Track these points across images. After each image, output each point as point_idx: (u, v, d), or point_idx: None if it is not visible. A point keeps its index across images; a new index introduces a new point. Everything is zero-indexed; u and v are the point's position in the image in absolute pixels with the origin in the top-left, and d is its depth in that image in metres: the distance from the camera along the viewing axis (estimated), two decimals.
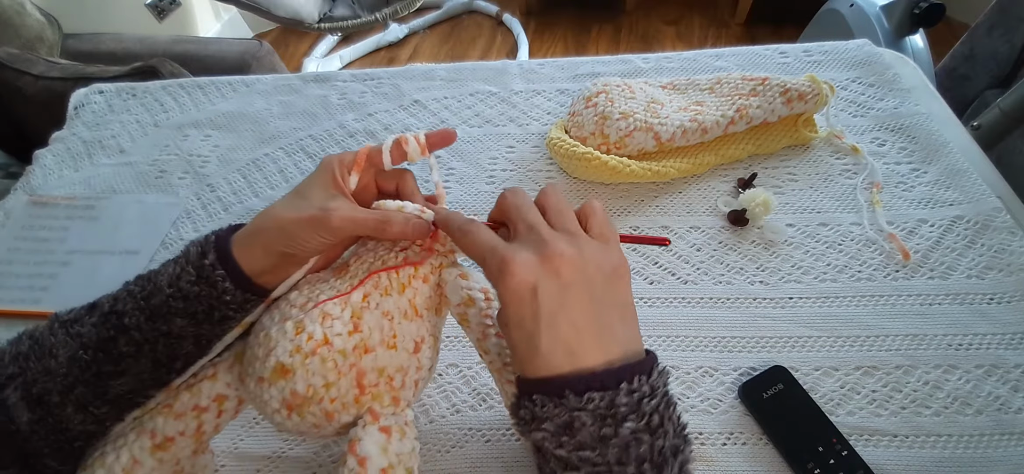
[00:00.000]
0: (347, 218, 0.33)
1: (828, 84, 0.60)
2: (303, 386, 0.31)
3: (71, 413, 0.32)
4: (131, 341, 0.32)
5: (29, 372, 0.32)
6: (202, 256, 0.33)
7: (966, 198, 0.56)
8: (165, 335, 0.32)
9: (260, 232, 0.33)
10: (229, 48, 1.29)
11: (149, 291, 0.33)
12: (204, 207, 0.65)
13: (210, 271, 0.32)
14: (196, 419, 0.35)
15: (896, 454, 0.42)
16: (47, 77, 1.04)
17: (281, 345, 0.31)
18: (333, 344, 0.31)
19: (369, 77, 0.78)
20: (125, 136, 0.74)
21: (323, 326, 0.31)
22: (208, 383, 0.35)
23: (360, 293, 0.33)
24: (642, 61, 0.75)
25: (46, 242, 0.63)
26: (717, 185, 0.61)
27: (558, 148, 0.60)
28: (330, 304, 0.32)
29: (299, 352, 0.31)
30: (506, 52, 2.16)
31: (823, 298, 0.51)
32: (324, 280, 0.35)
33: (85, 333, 0.32)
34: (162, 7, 1.90)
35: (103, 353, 0.32)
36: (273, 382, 0.31)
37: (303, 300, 0.33)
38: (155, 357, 0.33)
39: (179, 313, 0.32)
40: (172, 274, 0.33)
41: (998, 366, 0.46)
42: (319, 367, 0.31)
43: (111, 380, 0.32)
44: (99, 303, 0.34)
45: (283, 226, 0.33)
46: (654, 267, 0.55)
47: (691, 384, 0.47)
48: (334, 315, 0.32)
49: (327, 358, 0.31)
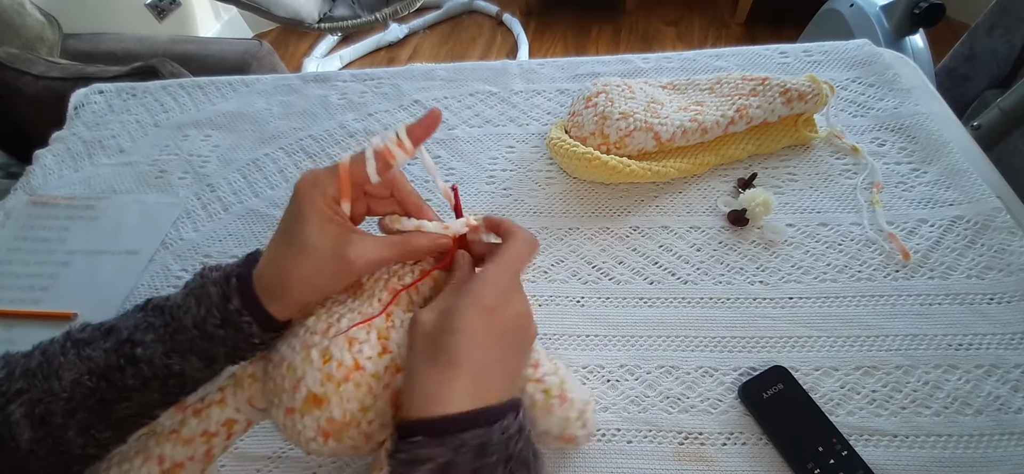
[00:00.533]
0: (368, 261, 0.33)
1: (828, 84, 0.60)
2: (339, 413, 0.31)
3: (73, 436, 0.31)
4: (139, 374, 0.32)
5: (35, 390, 0.31)
6: (225, 300, 0.32)
7: (966, 198, 0.56)
8: (178, 374, 0.32)
9: (284, 284, 0.32)
10: (229, 48, 1.29)
11: (174, 328, 0.32)
12: (204, 207, 0.65)
13: (237, 317, 0.32)
14: (205, 444, 0.35)
15: (896, 454, 0.42)
16: (47, 77, 1.04)
17: (310, 375, 0.31)
18: (365, 369, 0.31)
19: (369, 77, 0.78)
20: (125, 136, 0.74)
21: (352, 351, 0.31)
22: (217, 409, 0.35)
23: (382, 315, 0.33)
24: (642, 61, 0.75)
25: (46, 242, 0.63)
26: (717, 185, 0.61)
27: (558, 148, 0.60)
28: (355, 329, 0.32)
29: (331, 380, 0.31)
30: (506, 52, 2.16)
31: (823, 298, 0.51)
32: (340, 302, 0.35)
33: (95, 358, 0.32)
34: (162, 7, 1.90)
35: (107, 382, 0.32)
36: (306, 412, 0.31)
37: (324, 326, 0.32)
38: (165, 389, 0.33)
39: (200, 353, 0.32)
40: (197, 316, 0.32)
41: (998, 366, 0.46)
42: (354, 392, 0.31)
43: (115, 405, 0.32)
44: (115, 328, 0.33)
45: (310, 282, 0.32)
46: (654, 267, 0.55)
47: (691, 384, 0.47)
48: (361, 339, 0.32)
49: (361, 383, 0.31)
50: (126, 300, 0.58)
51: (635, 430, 0.45)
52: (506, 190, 0.63)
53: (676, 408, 0.46)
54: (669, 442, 0.44)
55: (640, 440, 0.45)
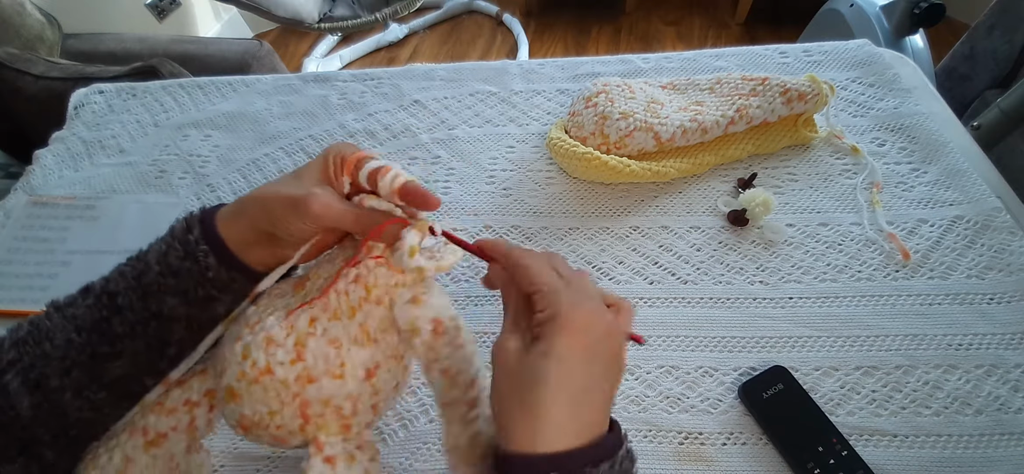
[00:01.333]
0: (326, 204, 0.32)
1: (828, 84, 0.60)
2: (249, 411, 0.31)
3: (69, 398, 0.31)
4: (124, 321, 0.32)
5: (27, 356, 0.31)
6: (187, 231, 0.32)
7: (966, 198, 0.56)
8: (156, 315, 0.32)
9: (244, 206, 0.33)
10: (229, 48, 1.29)
11: (140, 270, 0.33)
12: (204, 207, 0.65)
13: (194, 246, 0.32)
14: (188, 413, 0.35)
15: (896, 454, 0.42)
16: (47, 77, 1.04)
17: (231, 368, 0.31)
18: (275, 373, 0.30)
19: (369, 77, 0.78)
20: (125, 136, 0.74)
21: (267, 353, 0.30)
22: (198, 379, 0.35)
23: (307, 317, 0.32)
24: (642, 61, 0.75)
25: (46, 242, 0.63)
26: (717, 185, 0.61)
27: (558, 148, 0.60)
28: (276, 328, 0.31)
29: (244, 378, 0.30)
30: (506, 52, 2.16)
31: (823, 298, 0.51)
32: (282, 294, 0.34)
33: (79, 315, 0.32)
34: (162, 7, 1.90)
35: (97, 334, 0.32)
36: (227, 403, 0.31)
37: (255, 319, 0.32)
38: (148, 339, 0.32)
39: (169, 291, 0.32)
40: (160, 251, 0.33)
41: (998, 366, 0.46)
42: (262, 396, 0.30)
43: (107, 362, 0.32)
44: (92, 285, 0.34)
45: (266, 202, 0.32)
46: (654, 267, 0.55)
47: (691, 384, 0.47)
48: (278, 342, 0.31)
49: (269, 387, 0.30)
50: None
51: (635, 430, 0.45)
52: (506, 190, 0.63)
53: (676, 408, 0.46)
54: (669, 442, 0.44)
55: (640, 440, 0.45)
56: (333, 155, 0.34)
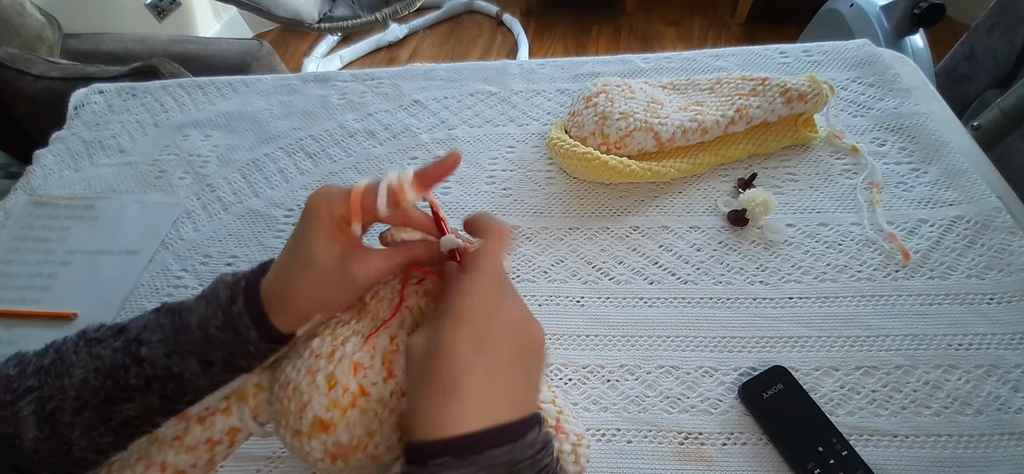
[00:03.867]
0: (370, 275, 0.32)
1: (828, 84, 0.60)
2: (347, 437, 0.31)
3: (78, 436, 0.31)
4: (142, 374, 0.32)
5: (46, 387, 0.31)
6: (231, 302, 0.32)
7: (966, 198, 0.56)
8: (177, 377, 0.32)
9: (292, 301, 0.32)
10: (229, 48, 1.29)
11: (178, 326, 0.32)
12: (204, 207, 0.65)
13: (237, 320, 0.32)
14: (209, 452, 0.35)
15: (896, 454, 0.42)
16: (47, 77, 1.04)
17: (316, 400, 0.31)
18: (371, 394, 0.31)
19: (369, 77, 0.78)
20: (125, 136, 0.74)
21: (357, 377, 0.31)
22: (222, 417, 0.35)
23: (387, 335, 0.33)
24: (642, 61, 0.75)
25: (46, 242, 0.63)
26: (717, 185, 0.61)
27: (558, 148, 0.60)
28: (359, 353, 0.32)
29: (337, 407, 0.31)
30: (506, 52, 2.16)
31: (823, 298, 0.51)
32: (343, 322, 0.34)
33: (103, 356, 0.32)
34: (162, 7, 1.90)
35: (112, 381, 0.32)
36: (313, 436, 0.31)
37: (329, 349, 0.32)
38: (164, 393, 0.32)
39: (197, 355, 0.32)
40: (202, 316, 0.32)
41: (998, 366, 0.46)
42: (360, 418, 0.31)
43: (117, 406, 0.32)
44: (127, 328, 0.33)
45: (313, 297, 0.32)
46: (654, 267, 0.55)
47: (691, 384, 0.47)
48: (366, 365, 0.32)
49: (367, 409, 0.31)
50: (126, 300, 0.58)
51: (635, 430, 0.45)
52: (506, 190, 0.63)
53: (676, 408, 0.46)
54: (669, 442, 0.44)
55: (640, 440, 0.45)
56: (327, 213, 0.32)
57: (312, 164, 0.69)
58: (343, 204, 0.32)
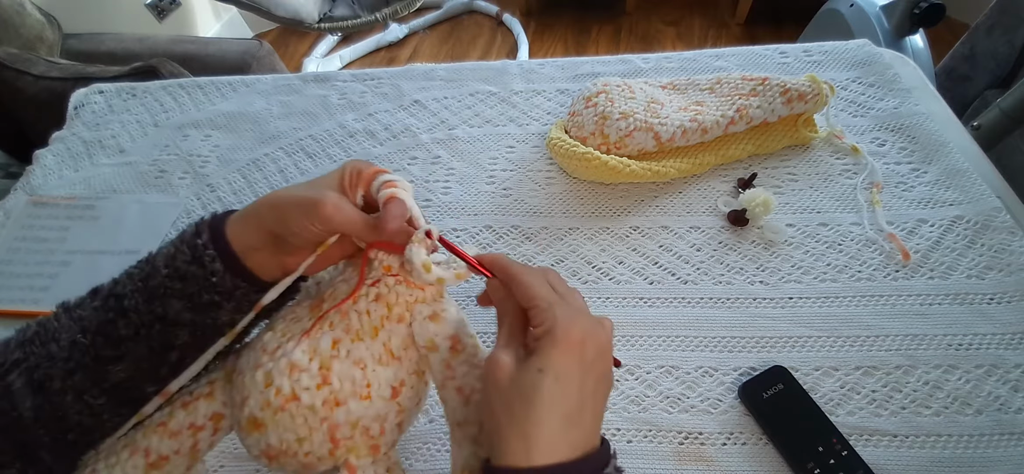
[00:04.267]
0: (337, 207, 0.31)
1: (828, 84, 0.60)
2: (276, 440, 0.30)
3: (70, 401, 0.31)
4: (129, 323, 0.32)
5: (33, 356, 0.31)
6: (196, 235, 0.32)
7: (966, 198, 0.56)
8: (161, 318, 0.32)
9: (255, 208, 0.33)
10: (229, 48, 1.29)
11: (148, 272, 0.32)
12: (204, 207, 0.65)
13: (201, 250, 0.31)
14: (192, 437, 0.34)
15: (896, 454, 0.42)
16: (47, 77, 1.04)
17: (253, 397, 0.30)
18: (301, 400, 0.30)
19: (369, 77, 0.78)
20: (125, 136, 0.74)
21: (291, 379, 0.30)
22: (204, 402, 0.34)
23: (329, 339, 0.31)
24: (642, 61, 0.75)
25: (46, 242, 0.63)
26: (717, 185, 0.61)
27: (558, 148, 0.60)
28: (297, 353, 0.30)
29: (269, 407, 0.30)
30: (506, 52, 2.16)
31: (823, 298, 0.51)
32: (297, 318, 0.33)
33: (86, 316, 0.32)
34: (162, 7, 1.90)
35: (102, 337, 0.32)
36: (249, 432, 0.31)
37: (274, 345, 0.31)
38: (151, 343, 0.32)
39: (175, 294, 0.32)
40: (168, 254, 0.32)
41: (998, 366, 0.46)
42: (289, 423, 0.30)
43: (109, 365, 0.32)
44: (100, 287, 0.34)
45: (276, 203, 0.32)
46: (654, 267, 0.55)
47: (691, 384, 0.47)
48: (302, 367, 0.30)
49: (296, 414, 0.30)
50: None
51: (635, 430, 0.45)
52: (506, 190, 0.63)
53: (676, 408, 0.46)
54: (669, 442, 0.44)
55: (640, 440, 0.45)
56: (350, 169, 0.34)
57: (312, 164, 0.69)
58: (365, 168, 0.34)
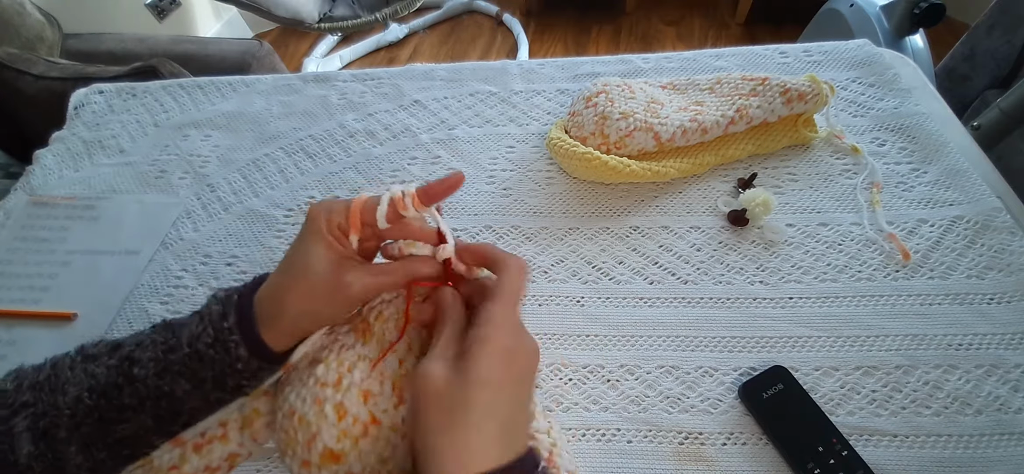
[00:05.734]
0: (365, 287, 0.31)
1: (828, 84, 0.60)
2: (358, 467, 0.30)
3: (74, 452, 0.31)
4: (135, 393, 0.31)
5: (41, 404, 0.31)
6: (223, 318, 0.31)
7: (966, 198, 0.56)
8: (168, 395, 0.31)
9: (282, 315, 0.31)
10: (229, 48, 1.29)
11: (170, 344, 0.31)
12: (204, 207, 0.66)
13: (226, 336, 0.31)
14: None
15: (896, 454, 0.42)
16: (47, 77, 1.04)
17: (325, 431, 0.30)
18: (382, 422, 0.30)
19: (369, 77, 0.78)
20: (125, 136, 0.74)
21: (368, 405, 0.30)
22: (219, 445, 0.34)
23: (394, 359, 0.32)
24: (642, 61, 0.75)
25: (46, 242, 0.63)
26: (717, 185, 0.61)
27: (558, 148, 0.60)
28: (369, 381, 0.31)
29: (347, 437, 0.30)
30: (506, 52, 2.16)
31: (823, 298, 0.51)
32: (347, 346, 0.33)
33: (98, 374, 0.31)
34: (162, 7, 1.90)
35: (106, 400, 0.31)
36: (323, 466, 0.30)
37: (335, 377, 0.31)
38: (157, 413, 0.32)
39: (186, 375, 0.31)
40: (193, 332, 0.31)
41: (998, 366, 0.46)
42: (372, 446, 0.30)
43: (113, 425, 0.31)
44: (122, 344, 0.33)
45: (304, 310, 0.31)
46: (654, 267, 0.55)
47: (691, 384, 0.47)
48: (375, 392, 0.31)
49: (379, 437, 0.30)
50: (126, 300, 0.58)
51: (635, 430, 0.45)
52: (506, 190, 0.63)
53: (676, 408, 0.46)
54: (669, 442, 0.44)
55: (640, 440, 0.45)
56: (328, 225, 0.32)
57: (312, 164, 0.69)
58: (342, 215, 0.32)
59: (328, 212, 0.32)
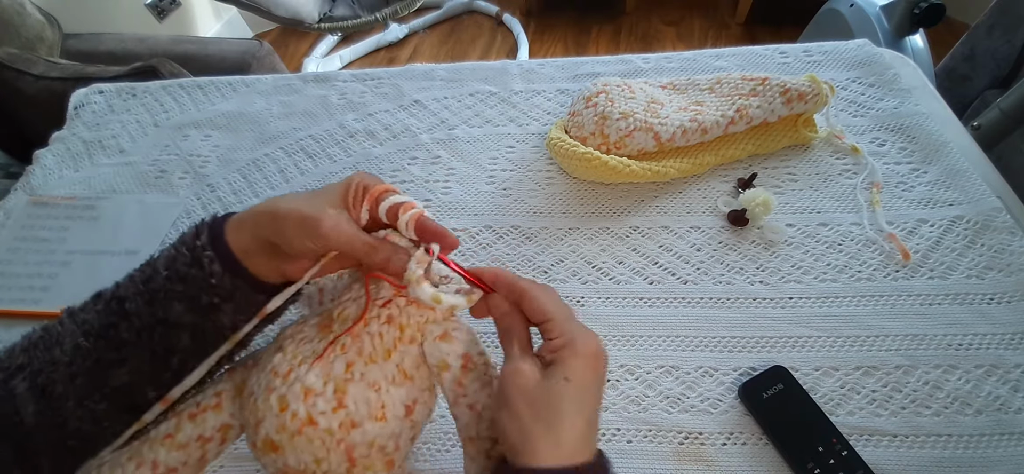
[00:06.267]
0: (337, 226, 0.31)
1: (828, 84, 0.60)
2: (294, 461, 0.30)
3: (72, 407, 0.31)
4: (131, 327, 0.32)
5: (36, 361, 0.31)
6: (196, 236, 0.32)
7: (966, 198, 0.56)
8: (162, 322, 0.32)
9: (253, 214, 0.33)
10: (229, 48, 1.29)
11: (149, 274, 0.32)
12: (204, 207, 0.66)
13: (200, 251, 0.32)
14: (200, 449, 0.34)
15: (896, 454, 0.42)
16: (47, 77, 1.04)
17: (268, 420, 0.31)
18: (318, 424, 0.30)
19: (369, 77, 0.78)
20: (125, 136, 0.74)
21: (306, 404, 0.30)
22: (212, 414, 0.35)
23: (343, 363, 0.31)
24: (642, 61, 0.75)
25: (46, 242, 0.63)
26: (717, 185, 0.61)
27: (558, 148, 0.60)
28: (311, 377, 0.31)
29: (285, 430, 0.30)
30: (506, 52, 2.16)
31: (823, 298, 0.51)
32: (307, 339, 0.33)
33: (89, 320, 0.32)
34: (162, 7, 1.90)
35: (104, 340, 0.32)
36: (265, 453, 0.31)
37: (286, 368, 0.32)
38: (153, 346, 0.32)
39: (176, 296, 0.32)
40: (168, 256, 0.32)
41: (998, 366, 0.46)
42: (306, 446, 0.30)
43: (111, 369, 0.32)
44: (104, 291, 0.34)
45: (275, 214, 0.32)
46: (654, 267, 0.55)
47: (691, 384, 0.47)
48: (317, 391, 0.30)
49: (313, 437, 0.30)
50: None
51: (635, 430, 0.45)
52: (506, 190, 0.63)
53: (676, 408, 0.46)
54: (669, 442, 0.44)
55: (640, 440, 0.45)
56: (356, 183, 0.34)
57: (312, 164, 0.69)
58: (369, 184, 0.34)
59: (364, 176, 0.34)
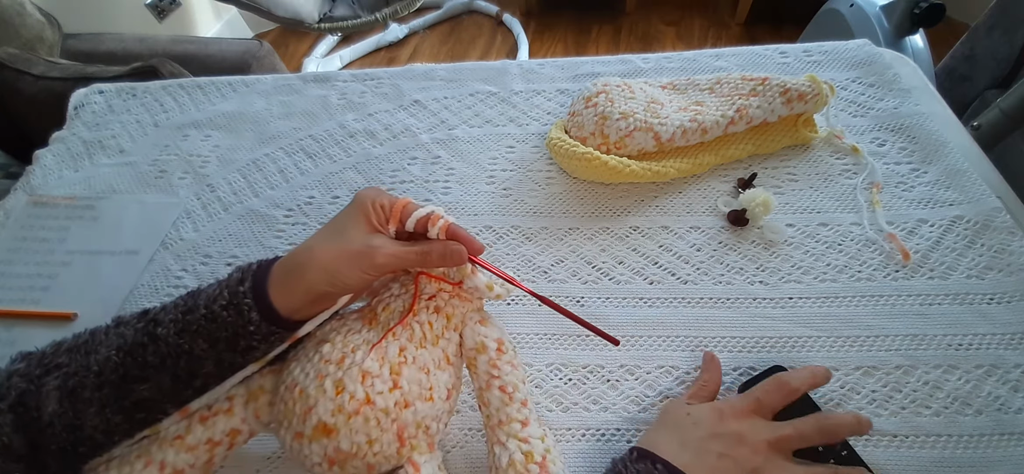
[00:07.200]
0: (390, 254, 0.35)
1: (828, 84, 0.60)
2: (347, 444, 0.32)
3: (93, 413, 0.32)
4: (157, 352, 0.33)
5: (73, 364, 0.33)
6: (240, 282, 0.33)
7: (966, 198, 0.56)
8: (187, 354, 0.33)
9: (302, 272, 0.34)
10: (229, 48, 1.29)
11: (190, 306, 0.34)
12: (204, 207, 0.66)
13: (240, 298, 0.33)
14: (208, 453, 0.35)
15: (896, 454, 0.42)
16: (47, 77, 1.04)
17: (322, 404, 0.32)
18: (375, 403, 0.32)
19: (369, 77, 0.78)
20: (125, 136, 0.74)
21: (364, 385, 0.32)
22: (223, 418, 0.35)
23: (396, 347, 0.34)
24: (642, 61, 0.75)
25: (46, 242, 0.63)
26: (717, 185, 0.61)
27: (558, 148, 0.60)
28: (369, 361, 0.33)
29: (341, 412, 0.32)
30: (506, 52, 2.16)
31: (823, 298, 0.51)
32: (355, 331, 0.35)
33: (127, 335, 0.34)
34: (162, 7, 1.90)
35: (132, 358, 0.33)
36: (315, 439, 0.32)
37: (339, 355, 0.33)
38: (176, 372, 0.33)
39: (203, 335, 0.33)
40: (210, 295, 0.34)
41: (998, 366, 0.46)
42: (362, 426, 0.32)
43: (134, 384, 0.33)
44: (151, 309, 0.35)
45: (326, 265, 0.34)
46: (654, 267, 0.55)
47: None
48: (374, 373, 0.33)
49: (370, 417, 0.32)
50: (126, 300, 0.58)
51: (635, 430, 0.45)
52: (506, 190, 0.63)
53: None
54: None
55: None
56: (372, 203, 0.36)
57: (312, 164, 0.69)
58: (387, 201, 0.37)
59: (376, 194, 0.37)
